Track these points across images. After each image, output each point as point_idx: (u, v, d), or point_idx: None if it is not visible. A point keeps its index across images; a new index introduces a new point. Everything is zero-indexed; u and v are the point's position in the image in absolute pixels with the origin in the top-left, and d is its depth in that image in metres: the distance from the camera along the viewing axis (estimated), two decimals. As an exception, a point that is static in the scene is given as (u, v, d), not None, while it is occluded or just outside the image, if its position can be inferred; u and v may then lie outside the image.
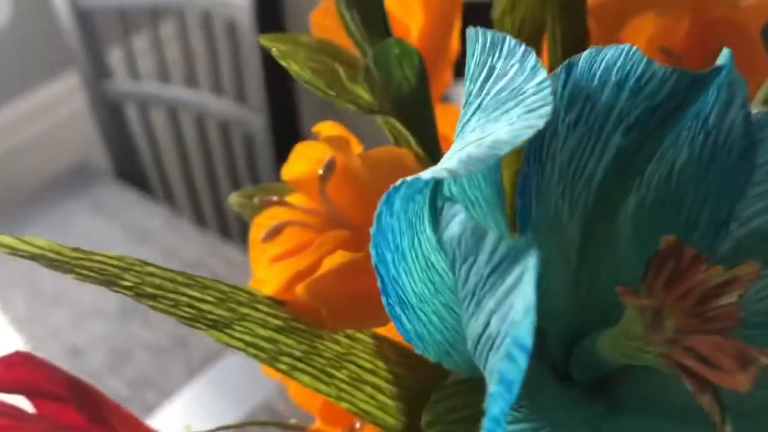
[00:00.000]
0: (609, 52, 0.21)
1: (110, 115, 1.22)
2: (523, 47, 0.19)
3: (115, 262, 0.23)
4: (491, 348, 0.17)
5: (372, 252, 0.20)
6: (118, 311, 1.09)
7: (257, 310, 0.25)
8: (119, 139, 1.24)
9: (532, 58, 0.18)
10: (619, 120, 0.22)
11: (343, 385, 0.27)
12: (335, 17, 0.34)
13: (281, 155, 1.10)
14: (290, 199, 0.29)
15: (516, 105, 0.18)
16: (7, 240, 0.22)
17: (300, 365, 0.25)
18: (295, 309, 0.26)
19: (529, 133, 0.17)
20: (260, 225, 0.29)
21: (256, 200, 0.28)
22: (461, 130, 0.21)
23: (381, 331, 0.30)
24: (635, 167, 0.24)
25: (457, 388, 0.24)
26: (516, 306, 0.16)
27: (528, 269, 0.15)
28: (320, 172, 0.27)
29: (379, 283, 0.20)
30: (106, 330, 1.08)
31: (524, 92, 0.18)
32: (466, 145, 0.19)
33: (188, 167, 1.25)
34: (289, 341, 0.25)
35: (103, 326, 1.08)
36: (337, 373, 0.27)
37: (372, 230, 0.20)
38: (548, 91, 0.18)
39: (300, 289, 0.26)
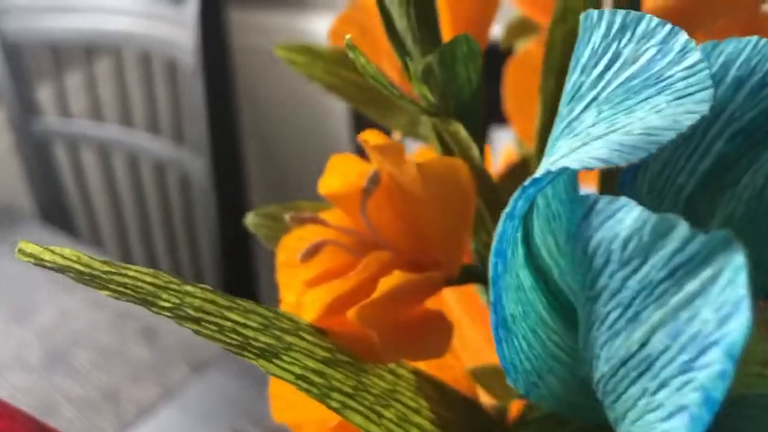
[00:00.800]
0: (730, 46, 0.19)
1: (37, 154, 1.16)
2: (668, 26, 0.16)
3: (149, 279, 0.19)
4: (647, 370, 0.15)
5: (491, 262, 0.17)
6: (42, 362, 1.02)
7: (302, 338, 0.22)
8: (46, 180, 1.18)
9: (681, 38, 0.16)
10: (728, 122, 0.20)
11: (392, 426, 0.24)
12: (357, 26, 0.31)
13: (222, 198, 1.06)
14: (326, 216, 0.25)
15: (659, 92, 0.16)
16: (31, 248, 0.18)
17: (350, 402, 0.22)
18: (342, 338, 0.23)
19: (691, 119, 0.15)
20: (288, 246, 0.26)
21: (287, 218, 0.25)
22: (566, 126, 0.19)
23: (421, 365, 0.27)
24: (730, 178, 0.22)
25: (544, 424, 0.21)
26: (706, 314, 0.13)
27: (732, 266, 0.13)
28: (364, 185, 0.24)
29: (491, 299, 0.18)
30: (28, 382, 1.00)
31: (668, 77, 0.16)
32: (592, 140, 0.17)
33: (119, 210, 1.19)
34: (338, 375, 0.22)
35: (25, 378, 1.01)
36: (385, 413, 0.24)
37: (496, 235, 0.17)
38: (705, 74, 0.16)
39: (351, 314, 0.23)
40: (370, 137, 0.24)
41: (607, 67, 0.17)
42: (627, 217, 0.14)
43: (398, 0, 0.24)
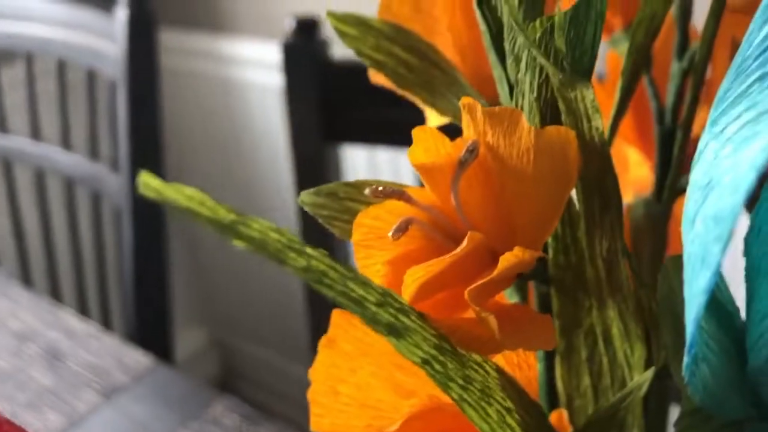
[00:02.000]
0: None
1: (-67, 162, 1.07)
2: None
3: (275, 235, 0.16)
4: None
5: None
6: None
7: (413, 322, 0.19)
8: (-60, 190, 1.09)
9: None
10: None
11: (495, 426, 0.21)
12: (409, 2, 0.29)
13: (138, 218, 1.00)
14: (411, 192, 0.23)
15: None
16: (155, 183, 0.15)
17: (465, 395, 0.19)
18: (450, 324, 0.20)
19: None
20: (364, 225, 0.23)
21: (368, 191, 0.22)
22: (734, 101, 0.17)
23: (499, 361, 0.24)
24: None
25: (693, 418, 0.19)
26: None
27: None
28: (460, 156, 0.22)
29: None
30: None
31: None
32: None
33: (20, 225, 1.11)
34: (450, 365, 0.20)
35: None
36: (489, 410, 0.21)
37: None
38: None
39: (468, 294, 0.20)
40: (470, 104, 0.22)
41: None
42: None
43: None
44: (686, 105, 0.26)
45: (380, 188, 0.22)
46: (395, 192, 0.22)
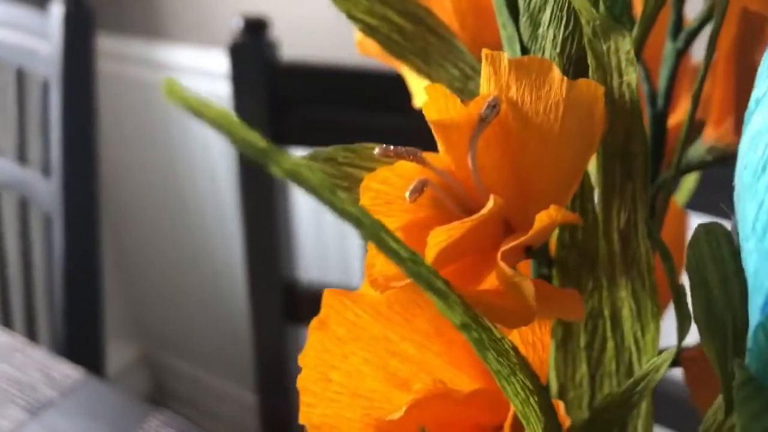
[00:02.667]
0: None
1: None
2: None
3: (307, 173, 0.14)
4: None
5: None
6: None
7: (443, 284, 0.17)
8: None
9: None
10: None
11: (519, 403, 0.19)
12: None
13: (70, 224, 0.96)
14: (426, 155, 0.21)
15: None
16: (179, 89, 0.13)
17: (500, 368, 0.18)
18: (476, 294, 0.18)
19: None
20: (371, 188, 0.21)
21: (377, 151, 0.20)
22: None
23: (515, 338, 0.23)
24: None
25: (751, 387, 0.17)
26: None
27: None
28: (480, 112, 0.20)
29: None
30: None
31: None
32: None
33: (-59, 235, 1.05)
34: (484, 334, 0.18)
35: None
36: (516, 386, 0.19)
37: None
38: None
39: (502, 256, 0.18)
40: (493, 55, 0.20)
41: None
42: None
43: None
44: (699, 75, 0.25)
45: (391, 148, 0.20)
46: (408, 152, 0.20)
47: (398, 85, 0.74)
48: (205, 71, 1.21)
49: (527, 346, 0.23)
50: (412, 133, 0.73)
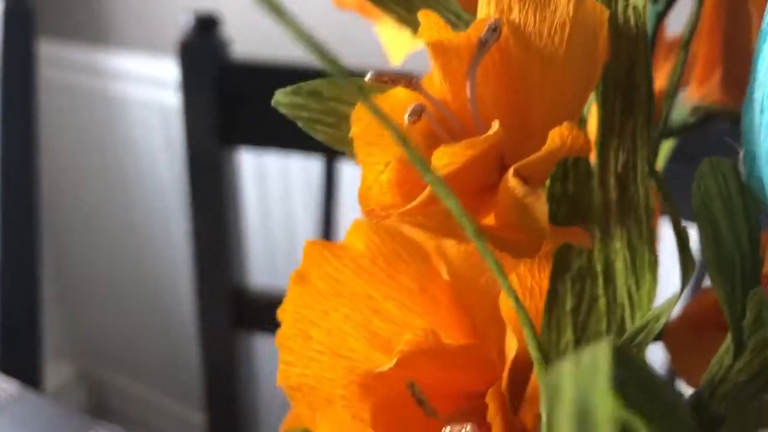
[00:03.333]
0: None
1: None
2: None
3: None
4: None
5: None
6: None
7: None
8: None
9: None
10: None
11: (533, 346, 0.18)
12: None
13: (8, 231, 0.92)
14: (422, 82, 0.20)
15: None
16: None
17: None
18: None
19: None
20: (363, 119, 0.20)
21: (369, 76, 0.19)
22: None
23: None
24: None
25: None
26: None
27: None
28: (480, 35, 0.19)
29: None
30: None
31: None
32: None
33: None
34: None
35: None
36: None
37: None
38: None
39: (516, 170, 0.17)
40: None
41: None
42: None
43: None
44: (690, 18, 0.24)
45: (385, 71, 0.19)
46: (403, 78, 0.19)
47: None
48: (152, 79, 1.18)
49: (525, 291, 0.22)
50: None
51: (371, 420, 0.22)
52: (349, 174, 0.88)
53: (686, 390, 0.28)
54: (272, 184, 1.13)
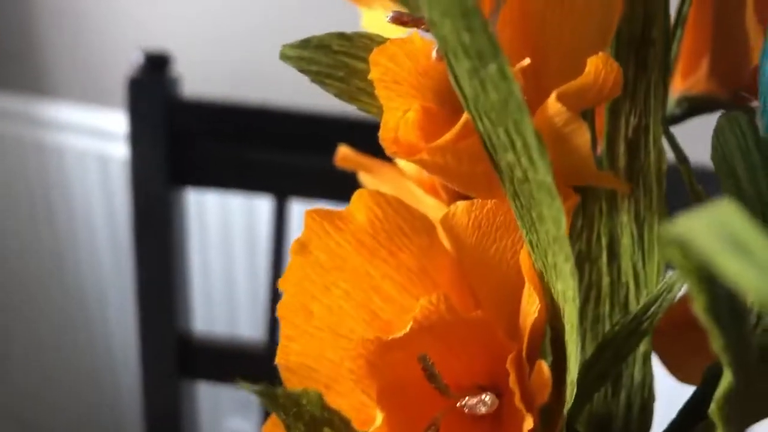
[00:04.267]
0: None
1: None
2: None
3: None
4: None
5: None
6: None
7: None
8: None
9: None
10: None
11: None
12: None
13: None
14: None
15: None
16: None
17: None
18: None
19: None
20: (379, 63, 0.19)
21: (390, 16, 0.18)
22: None
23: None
24: None
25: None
26: None
27: None
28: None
29: None
30: None
31: None
32: None
33: None
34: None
35: None
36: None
37: None
38: None
39: (558, 95, 0.16)
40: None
41: None
42: None
43: None
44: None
45: (403, 14, 0.18)
46: (422, 20, 0.18)
47: (302, 123, 0.72)
48: (95, 129, 1.16)
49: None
50: (317, 172, 0.71)
51: (377, 397, 0.21)
52: (299, 214, 0.87)
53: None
54: (213, 225, 1.11)
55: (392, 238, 0.23)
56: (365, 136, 0.71)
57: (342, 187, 0.74)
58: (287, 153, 0.73)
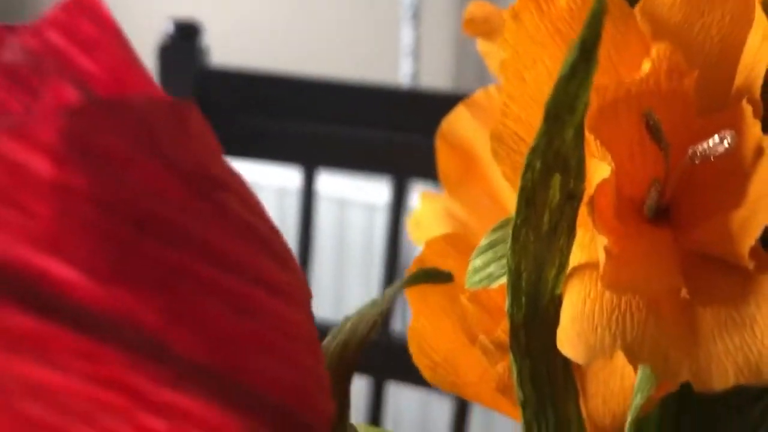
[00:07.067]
0: None
1: None
2: None
3: None
4: None
5: None
6: None
7: None
8: None
9: None
10: None
11: None
12: None
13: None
14: None
15: None
16: None
17: None
18: None
19: None
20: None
21: None
22: None
23: None
24: None
25: None
26: None
27: None
28: None
29: None
30: None
31: None
32: None
33: None
34: None
35: None
36: None
37: None
38: None
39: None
40: None
41: None
42: None
43: None
44: None
45: None
46: None
47: (331, 94, 0.72)
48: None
49: None
50: (346, 142, 0.71)
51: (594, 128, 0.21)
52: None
53: None
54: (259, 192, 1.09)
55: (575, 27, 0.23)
56: (397, 108, 0.71)
57: (370, 157, 0.74)
58: (315, 123, 0.73)
